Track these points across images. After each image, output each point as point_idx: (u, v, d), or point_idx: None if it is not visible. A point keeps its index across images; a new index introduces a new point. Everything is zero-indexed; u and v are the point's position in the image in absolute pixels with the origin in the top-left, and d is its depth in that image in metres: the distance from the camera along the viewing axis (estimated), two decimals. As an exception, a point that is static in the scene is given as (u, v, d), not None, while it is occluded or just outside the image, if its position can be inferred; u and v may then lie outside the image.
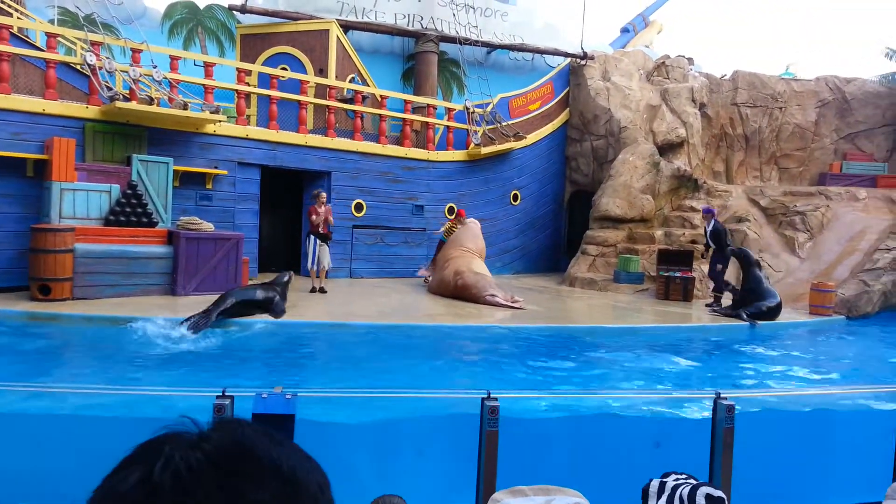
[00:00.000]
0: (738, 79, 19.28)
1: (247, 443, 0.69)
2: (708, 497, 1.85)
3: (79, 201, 10.10)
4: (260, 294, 9.40)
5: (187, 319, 8.32)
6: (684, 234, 15.08)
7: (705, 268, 13.03)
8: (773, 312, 11.32)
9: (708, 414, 4.35)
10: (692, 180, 16.72)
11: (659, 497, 1.94)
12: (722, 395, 4.28)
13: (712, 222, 12.40)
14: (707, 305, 12.33)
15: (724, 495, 1.90)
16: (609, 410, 5.86)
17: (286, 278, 10.23)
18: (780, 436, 5.77)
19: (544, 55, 19.58)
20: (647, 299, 13.16)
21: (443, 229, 14.07)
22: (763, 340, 10.21)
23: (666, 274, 13.31)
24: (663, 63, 19.26)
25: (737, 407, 4.21)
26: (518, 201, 17.15)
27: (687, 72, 19.23)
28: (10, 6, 12.56)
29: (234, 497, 0.64)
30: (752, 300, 11.41)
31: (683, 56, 19.63)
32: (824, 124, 19.14)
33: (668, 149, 17.57)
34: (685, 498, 1.87)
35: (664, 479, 1.99)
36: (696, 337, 10.13)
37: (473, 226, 13.34)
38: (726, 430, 4.21)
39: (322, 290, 11.63)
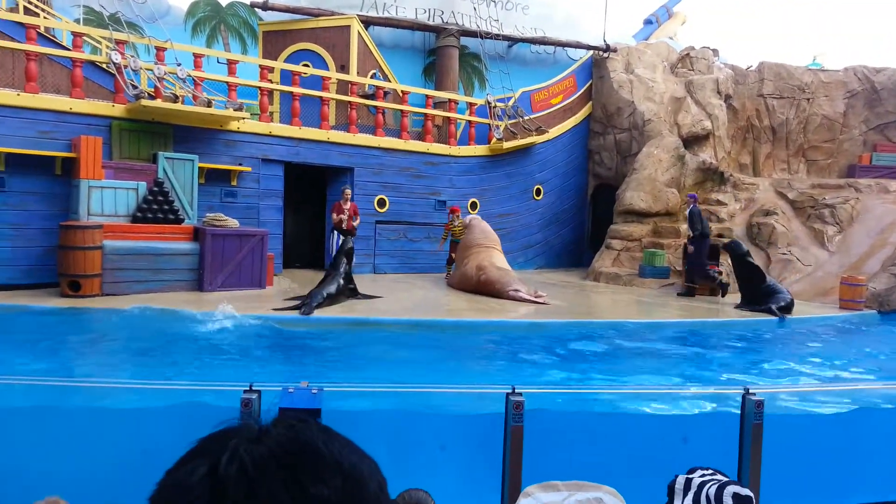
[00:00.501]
0: (764, 70, 18.97)
1: (308, 438, 0.70)
2: (735, 496, 1.81)
3: (106, 199, 10.24)
4: (333, 288, 10.24)
5: (289, 308, 9.44)
6: (711, 227, 14.88)
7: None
8: (792, 305, 11.24)
9: (737, 409, 4.28)
10: (718, 173, 16.49)
11: (685, 494, 1.90)
12: (750, 391, 4.21)
13: (691, 206, 13.00)
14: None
15: (751, 494, 1.86)
16: (635, 406, 5.81)
17: (349, 245, 11.07)
18: (810, 431, 5.69)
19: (566, 48, 19.42)
20: (672, 294, 13.02)
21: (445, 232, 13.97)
22: (792, 335, 10.06)
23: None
24: (688, 55, 19.02)
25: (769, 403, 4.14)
26: (541, 196, 17.06)
27: (712, 63, 18.97)
28: (37, 6, 12.77)
29: (298, 492, 0.65)
30: (767, 293, 11.29)
31: (708, 47, 19.35)
32: (853, 115, 18.78)
33: (693, 141, 17.35)
34: (712, 497, 1.84)
35: (690, 476, 1.95)
36: (723, 332, 10.01)
37: (477, 222, 13.23)
38: (755, 426, 4.14)
39: (345, 286, 11.67)
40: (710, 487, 1.87)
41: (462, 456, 5.14)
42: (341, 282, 10.50)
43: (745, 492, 1.83)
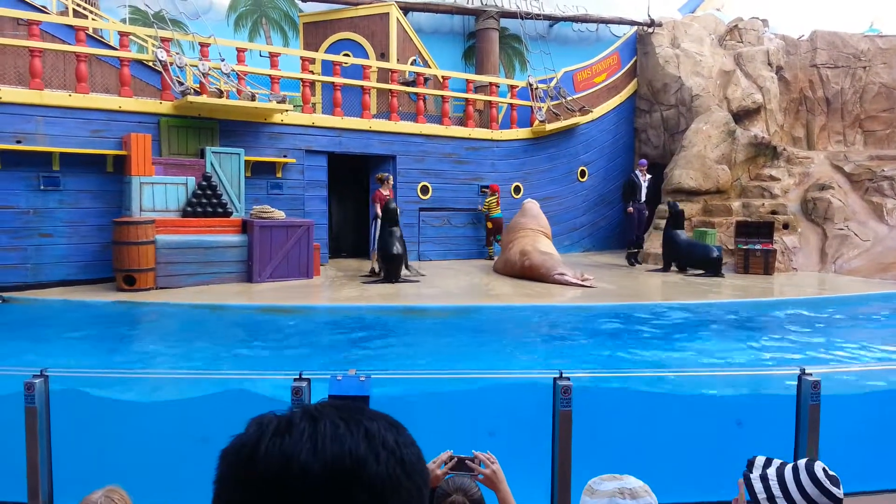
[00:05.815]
0: (816, 39, 18.24)
1: (352, 403, 0.86)
2: (825, 471, 1.87)
3: (157, 194, 10.49)
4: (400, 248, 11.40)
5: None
6: (764, 204, 14.48)
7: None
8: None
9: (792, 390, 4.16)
10: (771, 148, 16.00)
11: (765, 468, 1.94)
12: (806, 371, 4.09)
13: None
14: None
15: (837, 476, 1.89)
16: (686, 389, 5.70)
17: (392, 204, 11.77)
18: (864, 412, 5.50)
19: (609, 25, 19.04)
20: (725, 273, 12.70)
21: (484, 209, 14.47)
22: (850, 314, 9.73)
23: (745, 247, 12.84)
24: (736, 26, 18.44)
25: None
26: (585, 178, 16.81)
27: (761, 34, 18.34)
28: (85, 8, 13.10)
29: (354, 424, 0.79)
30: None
31: (757, 18, 18.73)
32: (914, 82, 17.92)
33: (743, 116, 16.85)
34: (801, 467, 1.88)
35: (771, 458, 2.00)
36: (778, 311, 9.73)
37: (531, 205, 13.14)
38: (812, 408, 4.02)
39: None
40: (798, 462, 1.92)
41: (511, 441, 5.13)
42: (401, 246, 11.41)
43: (832, 472, 1.89)
